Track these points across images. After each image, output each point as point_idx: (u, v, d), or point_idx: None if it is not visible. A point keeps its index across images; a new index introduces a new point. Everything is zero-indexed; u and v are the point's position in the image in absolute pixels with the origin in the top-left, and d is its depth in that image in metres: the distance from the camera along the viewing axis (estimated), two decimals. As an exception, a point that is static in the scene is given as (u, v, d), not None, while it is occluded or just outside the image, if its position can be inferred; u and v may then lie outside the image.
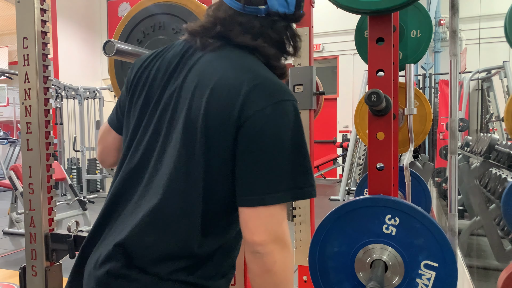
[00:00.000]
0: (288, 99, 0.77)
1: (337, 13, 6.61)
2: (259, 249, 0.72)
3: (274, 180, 0.73)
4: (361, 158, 7.07)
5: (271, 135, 0.73)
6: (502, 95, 5.63)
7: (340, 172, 8.81)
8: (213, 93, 0.76)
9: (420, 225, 0.93)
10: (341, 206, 0.99)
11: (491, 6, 5.07)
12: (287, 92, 0.79)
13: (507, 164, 3.12)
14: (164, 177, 0.79)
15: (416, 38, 1.85)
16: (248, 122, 0.73)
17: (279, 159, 0.73)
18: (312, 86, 1.90)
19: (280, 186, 0.73)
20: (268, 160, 0.73)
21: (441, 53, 7.41)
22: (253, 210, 0.73)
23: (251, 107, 0.73)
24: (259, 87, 0.76)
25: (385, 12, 0.97)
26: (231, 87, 0.75)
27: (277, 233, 0.73)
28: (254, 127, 0.73)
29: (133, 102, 0.89)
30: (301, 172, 0.76)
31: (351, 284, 0.98)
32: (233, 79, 0.76)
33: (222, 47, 0.83)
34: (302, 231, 1.93)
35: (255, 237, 0.72)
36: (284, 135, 0.74)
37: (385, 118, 1.02)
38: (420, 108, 1.95)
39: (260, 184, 0.73)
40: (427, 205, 1.95)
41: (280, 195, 0.73)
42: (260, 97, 0.74)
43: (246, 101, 0.74)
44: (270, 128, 0.73)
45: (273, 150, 0.73)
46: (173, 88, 0.83)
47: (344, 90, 9.54)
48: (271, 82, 0.79)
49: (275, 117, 0.74)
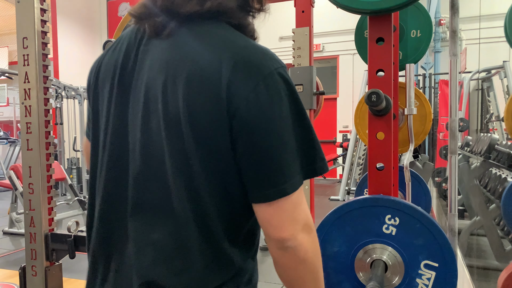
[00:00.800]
0: (278, 66, 0.67)
1: (337, 13, 6.63)
2: (289, 244, 0.66)
3: (287, 165, 0.65)
4: (361, 158, 7.07)
5: (272, 117, 0.64)
6: (502, 95, 5.63)
7: (340, 172, 8.81)
8: (190, 86, 0.65)
9: (420, 225, 0.93)
10: (341, 206, 0.99)
11: (491, 6, 5.07)
12: (272, 58, 0.68)
13: (507, 164, 3.12)
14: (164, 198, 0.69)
15: (416, 38, 1.85)
16: (241, 109, 0.64)
17: (286, 141, 0.65)
18: (312, 86, 1.90)
19: (294, 170, 0.66)
20: (275, 146, 0.65)
21: (441, 53, 7.40)
22: (274, 204, 0.65)
23: (239, 91, 0.64)
24: (241, 64, 0.65)
25: (385, 12, 0.97)
26: (209, 72, 0.64)
27: (303, 220, 0.67)
28: (250, 113, 0.64)
29: (97, 111, 0.78)
30: (309, 147, 0.68)
31: (351, 284, 0.98)
32: (207, 62, 0.65)
33: (178, 26, 0.70)
34: (302, 231, 1.92)
35: (283, 233, 0.65)
36: (285, 112, 0.65)
37: (385, 118, 1.02)
38: (420, 108, 1.95)
39: (274, 175, 0.65)
40: (427, 205, 1.95)
41: (297, 180, 0.66)
42: (246, 76, 0.64)
43: (231, 85, 0.64)
44: (268, 110, 0.64)
45: (278, 132, 0.65)
46: (138, 93, 0.71)
47: (344, 90, 9.54)
48: (252, 51, 0.67)
49: (270, 95, 0.64)
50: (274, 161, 0.65)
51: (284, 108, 0.65)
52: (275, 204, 0.65)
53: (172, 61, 0.68)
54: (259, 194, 0.66)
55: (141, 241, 0.70)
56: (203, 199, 0.67)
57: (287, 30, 5.18)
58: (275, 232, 0.66)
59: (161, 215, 0.69)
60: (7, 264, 3.75)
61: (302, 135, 0.67)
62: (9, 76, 5.88)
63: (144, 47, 0.73)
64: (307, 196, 1.92)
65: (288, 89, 0.67)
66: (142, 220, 0.70)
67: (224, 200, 0.69)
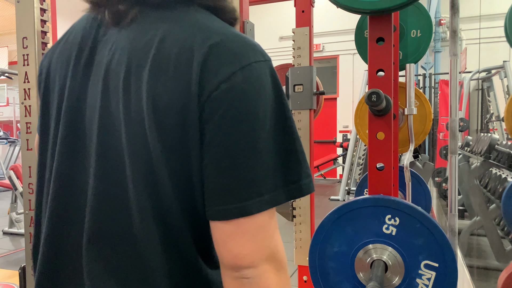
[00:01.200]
0: (260, 60, 0.55)
1: (337, 13, 6.62)
2: (246, 273, 0.52)
3: (257, 178, 0.52)
4: (361, 158, 7.07)
5: (246, 114, 0.52)
6: (502, 95, 5.63)
7: (340, 172, 8.82)
8: (155, 78, 0.54)
9: (420, 225, 0.93)
10: (341, 206, 0.99)
11: (491, 6, 5.07)
12: (256, 49, 0.56)
13: (507, 164, 3.12)
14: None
15: (416, 38, 1.85)
16: (212, 100, 0.52)
17: (261, 148, 0.52)
18: (312, 86, 1.90)
19: (266, 185, 0.52)
20: (244, 152, 0.51)
21: (441, 53, 7.41)
22: (232, 224, 0.52)
23: (213, 78, 0.52)
24: (217, 48, 0.53)
25: (385, 12, 0.97)
26: (177, 61, 0.53)
27: (269, 249, 0.54)
28: (220, 106, 0.51)
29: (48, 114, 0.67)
30: (292, 160, 0.55)
31: (351, 284, 0.98)
32: (177, 49, 0.54)
33: (143, 12, 0.59)
34: (302, 231, 1.92)
35: (240, 260, 0.52)
36: (263, 111, 0.53)
37: (385, 118, 1.02)
38: (420, 108, 1.95)
39: (237, 187, 0.52)
40: (427, 205, 1.95)
41: (268, 198, 0.52)
42: (222, 62, 0.53)
43: (204, 70, 0.52)
44: (243, 104, 0.52)
45: (251, 135, 0.52)
46: (95, 91, 0.59)
47: (344, 90, 9.55)
48: (233, 37, 0.55)
49: (248, 88, 0.52)
50: (239, 171, 0.51)
51: (263, 107, 0.53)
52: (234, 224, 0.52)
53: (135, 51, 0.56)
54: (217, 208, 0.52)
55: (98, 276, 0.57)
56: (175, 223, 0.56)
57: (287, 30, 5.18)
58: (231, 257, 0.53)
59: (123, 244, 0.57)
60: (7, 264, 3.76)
61: (285, 143, 0.54)
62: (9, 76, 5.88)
63: (102, 37, 0.62)
64: (307, 196, 1.92)
65: (273, 87, 0.55)
66: (100, 250, 0.57)
67: (199, 223, 0.57)
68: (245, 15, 1.26)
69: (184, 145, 0.53)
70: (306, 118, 1.92)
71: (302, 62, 1.91)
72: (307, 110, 1.92)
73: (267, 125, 0.53)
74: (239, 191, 0.52)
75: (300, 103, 1.91)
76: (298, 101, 1.91)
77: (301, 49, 1.91)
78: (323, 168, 8.87)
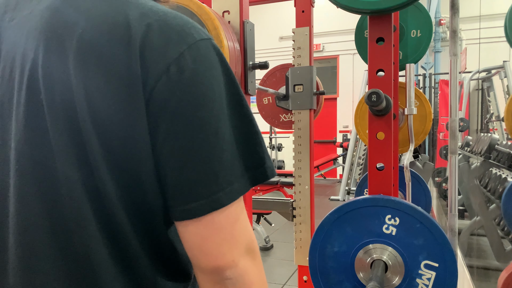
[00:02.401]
0: (204, 37, 0.49)
1: (337, 13, 6.61)
2: (229, 274, 0.48)
3: (223, 167, 0.47)
4: (361, 158, 7.07)
5: (202, 98, 0.46)
6: (502, 95, 5.63)
7: (340, 172, 8.81)
8: (85, 62, 0.45)
9: (420, 225, 0.93)
10: (341, 206, 0.99)
11: (491, 6, 5.07)
12: (197, 26, 0.50)
13: (507, 164, 3.12)
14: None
15: (416, 38, 1.85)
16: (161, 85, 0.45)
17: (222, 134, 0.47)
18: (312, 86, 1.90)
19: (233, 174, 0.48)
20: (206, 140, 0.46)
21: (441, 53, 7.41)
22: (205, 221, 0.47)
23: (158, 60, 0.45)
24: (156, 27, 0.47)
25: (385, 12, 0.97)
26: (111, 39, 0.45)
27: (246, 241, 0.50)
28: (173, 92, 0.45)
29: None
30: (253, 142, 0.50)
31: (351, 284, 0.98)
32: (108, 25, 0.46)
33: None
34: (302, 231, 1.92)
35: (220, 260, 0.47)
36: (219, 94, 0.48)
37: (385, 118, 1.02)
38: (420, 108, 1.95)
39: (204, 180, 0.46)
40: (427, 205, 1.95)
41: (237, 186, 0.48)
42: (165, 42, 0.46)
43: (146, 52, 0.45)
44: (198, 88, 0.46)
45: (210, 121, 0.46)
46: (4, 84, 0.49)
47: (344, 90, 9.54)
48: (170, 14, 0.49)
49: (199, 69, 0.47)
50: (204, 161, 0.46)
51: (217, 89, 0.48)
52: (208, 220, 0.47)
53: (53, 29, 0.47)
54: (184, 208, 0.47)
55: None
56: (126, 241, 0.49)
57: (287, 30, 5.17)
58: (209, 260, 0.48)
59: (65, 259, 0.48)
60: None
61: (243, 126, 0.50)
62: None
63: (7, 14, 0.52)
64: (307, 196, 1.92)
65: (222, 66, 0.49)
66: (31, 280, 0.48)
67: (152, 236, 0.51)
68: (245, 15, 1.26)
69: (130, 142, 0.46)
70: (306, 118, 1.92)
71: (302, 62, 1.91)
72: (307, 110, 1.92)
73: (224, 107, 0.48)
74: (207, 184, 0.46)
75: (300, 103, 1.91)
76: (298, 101, 1.92)
77: (301, 49, 1.91)
78: (323, 168, 8.87)
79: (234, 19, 1.24)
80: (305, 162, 1.93)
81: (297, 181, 1.95)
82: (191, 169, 0.46)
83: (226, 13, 1.25)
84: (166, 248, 0.53)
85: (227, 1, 1.24)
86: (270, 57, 8.09)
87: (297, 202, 1.94)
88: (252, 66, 1.26)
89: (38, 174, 0.47)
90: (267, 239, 4.16)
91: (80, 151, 0.46)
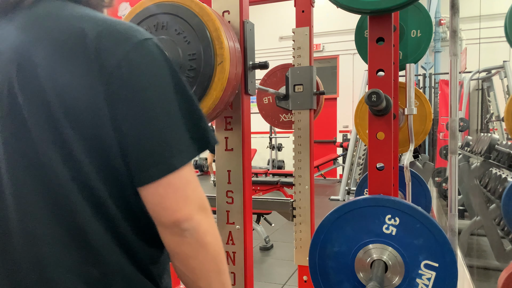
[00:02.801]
0: (147, 37, 0.62)
1: (337, 13, 6.62)
2: (186, 225, 0.59)
3: (173, 138, 0.60)
4: (361, 158, 7.07)
5: (150, 85, 0.59)
6: (502, 95, 5.63)
7: (340, 172, 8.81)
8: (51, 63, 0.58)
9: (420, 225, 0.93)
10: (341, 206, 0.99)
11: (491, 6, 5.07)
12: (140, 28, 0.63)
13: (507, 164, 3.12)
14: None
15: (416, 38, 1.85)
16: (115, 78, 0.57)
17: (169, 111, 0.60)
18: (312, 86, 1.90)
19: (182, 143, 0.60)
20: (157, 117, 0.59)
21: (441, 53, 7.41)
22: (163, 182, 0.58)
23: (111, 59, 0.57)
24: (106, 33, 0.59)
25: (385, 12, 0.97)
26: (72, 45, 0.58)
27: (199, 199, 0.62)
28: (125, 83, 0.58)
29: None
30: (196, 117, 0.63)
31: (351, 284, 0.98)
32: (68, 35, 0.59)
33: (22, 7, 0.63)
34: (302, 231, 1.93)
35: (178, 214, 0.59)
36: (163, 80, 0.60)
37: (385, 118, 1.02)
38: (420, 108, 1.95)
39: (159, 149, 0.58)
40: (427, 205, 1.95)
41: (186, 154, 0.60)
42: (114, 43, 0.58)
43: (100, 54, 0.57)
44: (145, 77, 0.59)
45: (159, 102, 0.59)
46: None
47: (344, 90, 9.55)
48: (115, 21, 0.62)
49: (145, 61, 0.59)
50: (157, 134, 0.59)
51: (162, 77, 0.60)
52: (164, 182, 0.58)
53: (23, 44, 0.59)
54: (144, 173, 0.58)
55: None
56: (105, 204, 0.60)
57: (287, 30, 5.17)
58: (169, 214, 0.59)
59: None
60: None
61: (187, 105, 0.62)
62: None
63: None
64: (307, 196, 1.92)
65: (165, 59, 0.62)
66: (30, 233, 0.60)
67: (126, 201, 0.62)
68: (245, 15, 1.26)
69: (92, 112, 0.57)
70: (306, 118, 1.92)
71: (302, 62, 1.91)
72: (307, 110, 1.92)
73: (170, 90, 0.61)
74: (162, 152, 0.59)
75: (300, 103, 1.91)
76: (298, 101, 1.92)
77: (301, 49, 1.91)
78: (323, 168, 8.87)
79: (234, 19, 1.24)
80: (305, 162, 1.93)
81: (297, 181, 1.95)
82: (148, 142, 0.58)
83: (226, 13, 1.25)
84: (141, 215, 0.62)
85: (227, 1, 1.24)
86: (270, 57, 8.09)
87: (297, 202, 1.94)
88: (252, 66, 1.26)
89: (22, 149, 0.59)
90: (267, 239, 4.16)
91: (54, 128, 0.57)
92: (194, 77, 1.08)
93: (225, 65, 1.07)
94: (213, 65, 1.07)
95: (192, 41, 1.08)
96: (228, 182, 1.27)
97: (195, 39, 1.08)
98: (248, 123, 1.29)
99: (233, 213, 1.27)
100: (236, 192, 1.26)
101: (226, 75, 1.07)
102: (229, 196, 1.27)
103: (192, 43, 1.08)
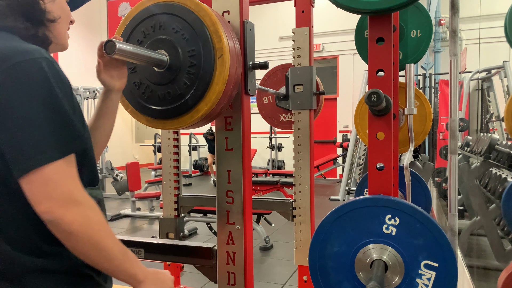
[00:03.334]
0: (29, 58, 0.73)
1: (337, 13, 6.61)
2: (47, 217, 0.71)
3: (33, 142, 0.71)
4: (361, 158, 7.07)
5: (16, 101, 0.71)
6: (502, 95, 5.63)
7: (340, 172, 8.81)
8: None
9: (420, 225, 0.93)
10: (341, 206, 0.99)
11: (491, 6, 5.08)
12: (29, 51, 0.74)
13: (507, 164, 3.12)
14: None
15: (416, 38, 1.85)
16: None
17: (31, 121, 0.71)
18: (312, 86, 1.90)
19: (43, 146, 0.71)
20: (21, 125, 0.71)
21: (441, 53, 7.41)
22: (26, 178, 0.71)
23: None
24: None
25: (385, 12, 0.97)
26: None
27: (61, 195, 0.72)
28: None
29: None
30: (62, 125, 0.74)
31: (351, 284, 0.98)
32: None
33: None
34: (302, 231, 1.93)
35: (39, 207, 0.71)
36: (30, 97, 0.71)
37: (385, 118, 1.02)
38: (420, 108, 1.95)
39: (22, 151, 0.71)
40: (427, 205, 1.95)
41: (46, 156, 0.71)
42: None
43: None
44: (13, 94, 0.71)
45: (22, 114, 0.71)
46: None
47: (344, 90, 9.55)
48: (4, 47, 0.74)
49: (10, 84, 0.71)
50: (21, 139, 0.71)
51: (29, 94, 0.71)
52: (27, 180, 0.71)
53: None
54: (15, 168, 0.71)
55: None
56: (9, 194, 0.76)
57: (287, 30, 5.17)
58: (35, 207, 0.71)
59: None
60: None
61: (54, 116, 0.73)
62: None
63: None
64: (307, 196, 1.92)
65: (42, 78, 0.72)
66: None
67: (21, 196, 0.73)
68: (245, 15, 1.26)
69: None
70: (306, 118, 1.92)
71: (302, 62, 1.91)
72: (307, 110, 1.92)
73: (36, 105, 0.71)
74: (23, 154, 0.71)
75: (300, 103, 1.91)
76: (298, 101, 1.92)
77: (301, 49, 1.91)
78: (323, 168, 8.87)
79: (234, 19, 1.24)
80: (305, 162, 1.93)
81: (297, 181, 1.95)
82: (15, 145, 0.71)
83: (226, 13, 1.25)
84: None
85: (227, 1, 1.24)
86: (270, 57, 8.09)
87: (297, 202, 1.94)
88: (252, 66, 1.26)
89: None
90: (267, 239, 4.16)
91: None
92: (195, 73, 1.08)
93: (225, 58, 1.07)
94: (213, 59, 1.07)
95: (191, 38, 1.08)
96: (228, 182, 1.27)
97: (193, 36, 1.08)
98: (248, 123, 1.29)
99: (233, 213, 1.27)
100: (236, 192, 1.26)
101: (227, 68, 1.07)
102: (229, 196, 1.27)
103: (191, 40, 1.08)
